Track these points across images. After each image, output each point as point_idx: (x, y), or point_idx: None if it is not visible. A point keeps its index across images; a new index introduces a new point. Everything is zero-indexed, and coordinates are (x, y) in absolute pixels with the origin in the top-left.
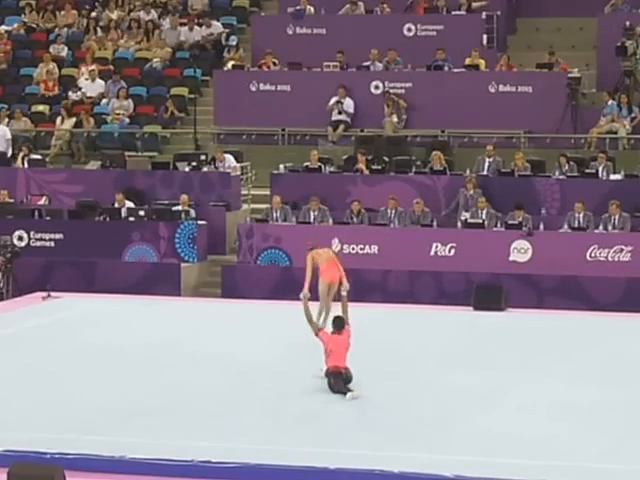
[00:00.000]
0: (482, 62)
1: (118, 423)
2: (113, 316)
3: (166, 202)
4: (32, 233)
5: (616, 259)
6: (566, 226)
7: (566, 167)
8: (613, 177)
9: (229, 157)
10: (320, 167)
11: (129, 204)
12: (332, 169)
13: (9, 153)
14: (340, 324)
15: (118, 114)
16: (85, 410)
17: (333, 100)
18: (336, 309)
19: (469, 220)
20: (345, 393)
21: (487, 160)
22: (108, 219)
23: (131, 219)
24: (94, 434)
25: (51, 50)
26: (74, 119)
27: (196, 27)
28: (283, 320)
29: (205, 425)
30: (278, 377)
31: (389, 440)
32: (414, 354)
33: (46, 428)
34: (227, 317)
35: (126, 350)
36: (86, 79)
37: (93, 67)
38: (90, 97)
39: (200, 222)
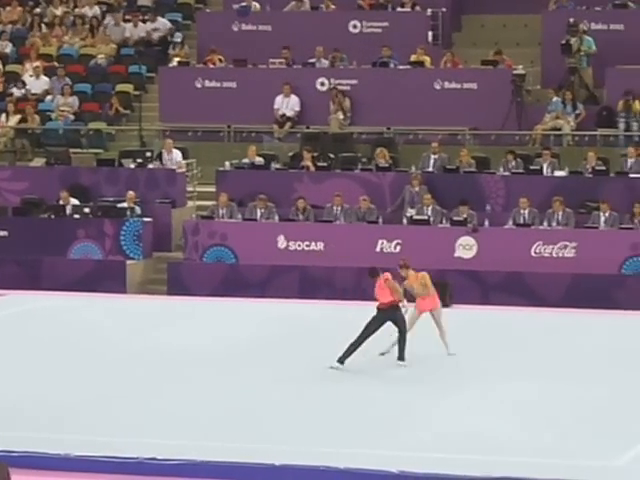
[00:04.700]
0: (427, 59)
1: (64, 420)
2: (59, 313)
3: (111, 199)
4: None
5: (560, 255)
6: (511, 222)
7: (513, 163)
8: (557, 173)
9: (177, 152)
10: (266, 164)
11: (74, 201)
12: (278, 166)
13: None
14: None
15: (63, 111)
16: (30, 407)
17: (278, 102)
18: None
19: (414, 217)
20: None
21: (432, 157)
22: (53, 216)
23: (76, 216)
24: (39, 431)
25: None
26: (19, 116)
27: (140, 23)
28: (228, 317)
29: (150, 421)
30: (222, 373)
31: (336, 437)
32: (362, 351)
33: None
34: (172, 314)
35: (71, 347)
36: (30, 76)
37: (37, 63)
38: (34, 94)
39: (145, 219)
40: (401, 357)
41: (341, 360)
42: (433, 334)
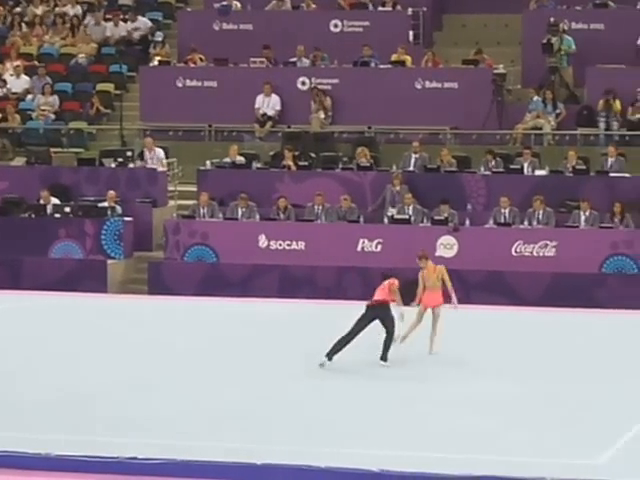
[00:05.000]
0: (408, 58)
1: (44, 419)
2: (39, 313)
3: (92, 198)
4: None
5: (541, 254)
6: (491, 221)
7: (492, 163)
8: (538, 173)
9: (159, 150)
10: (247, 163)
11: (55, 201)
12: (259, 165)
13: None
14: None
15: (43, 110)
16: (10, 406)
17: (259, 101)
18: None
19: (395, 216)
20: None
21: (413, 156)
22: (34, 216)
23: (57, 216)
24: (19, 431)
25: None
26: None
27: (121, 22)
28: (209, 316)
29: (130, 420)
30: (204, 372)
31: (317, 435)
32: (349, 348)
33: None
34: (153, 313)
35: (51, 346)
36: (11, 75)
37: (18, 63)
38: (15, 93)
39: (126, 218)
40: (384, 357)
41: (329, 356)
42: (417, 334)
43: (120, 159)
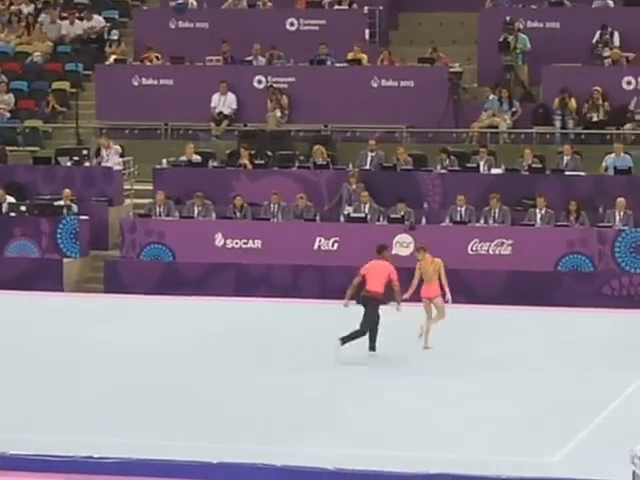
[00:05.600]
0: (364, 57)
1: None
2: None
3: (48, 197)
4: None
5: (497, 252)
6: (448, 220)
7: (447, 162)
8: (494, 171)
9: (116, 147)
10: (203, 162)
11: (10, 199)
12: (215, 164)
13: None
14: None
15: None
16: None
17: (215, 100)
18: None
19: (352, 214)
20: None
21: (370, 154)
22: None
23: (12, 214)
24: None
25: None
26: None
27: (77, 21)
28: (165, 315)
29: (87, 420)
30: (160, 371)
31: (275, 435)
32: (298, 348)
33: None
34: (109, 312)
35: (6, 346)
36: None
37: None
38: None
39: (82, 217)
40: (343, 340)
41: (372, 347)
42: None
43: (76, 157)
